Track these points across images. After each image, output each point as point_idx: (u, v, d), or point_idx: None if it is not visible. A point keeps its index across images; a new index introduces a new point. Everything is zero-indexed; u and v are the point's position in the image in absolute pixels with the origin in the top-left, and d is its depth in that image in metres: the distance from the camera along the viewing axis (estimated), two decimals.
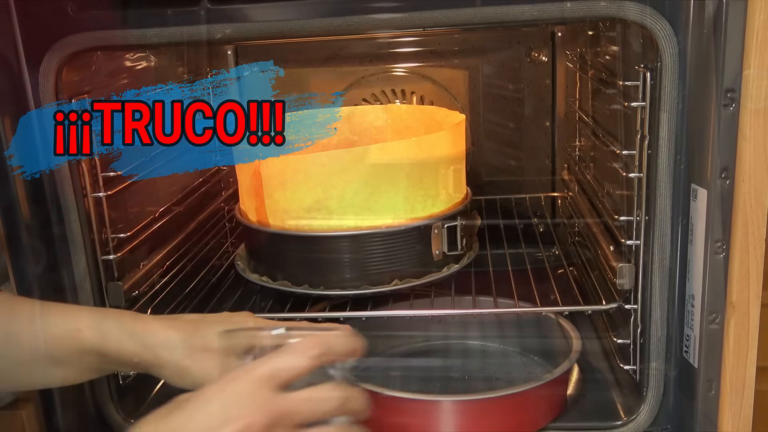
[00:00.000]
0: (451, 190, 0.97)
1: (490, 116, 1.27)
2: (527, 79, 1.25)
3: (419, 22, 0.72)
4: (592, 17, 0.70)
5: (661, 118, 0.71)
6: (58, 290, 0.81)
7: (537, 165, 1.30)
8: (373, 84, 1.27)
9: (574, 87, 1.24)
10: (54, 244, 0.79)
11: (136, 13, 0.74)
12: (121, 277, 0.87)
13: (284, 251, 0.94)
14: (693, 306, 0.74)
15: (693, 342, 0.74)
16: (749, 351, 0.72)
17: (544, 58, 1.24)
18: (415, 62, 1.26)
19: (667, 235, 0.75)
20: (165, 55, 1.09)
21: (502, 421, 0.79)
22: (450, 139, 0.95)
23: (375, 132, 1.16)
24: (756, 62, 0.65)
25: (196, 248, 1.12)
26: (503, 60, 1.25)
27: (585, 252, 1.13)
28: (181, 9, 0.73)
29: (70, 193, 0.79)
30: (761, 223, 0.69)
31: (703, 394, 0.74)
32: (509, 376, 0.93)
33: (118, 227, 0.89)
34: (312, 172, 0.89)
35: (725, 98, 0.66)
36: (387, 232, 0.91)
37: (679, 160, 0.73)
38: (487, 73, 1.25)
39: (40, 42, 0.74)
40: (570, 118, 1.25)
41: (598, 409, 0.84)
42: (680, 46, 0.69)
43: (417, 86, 1.26)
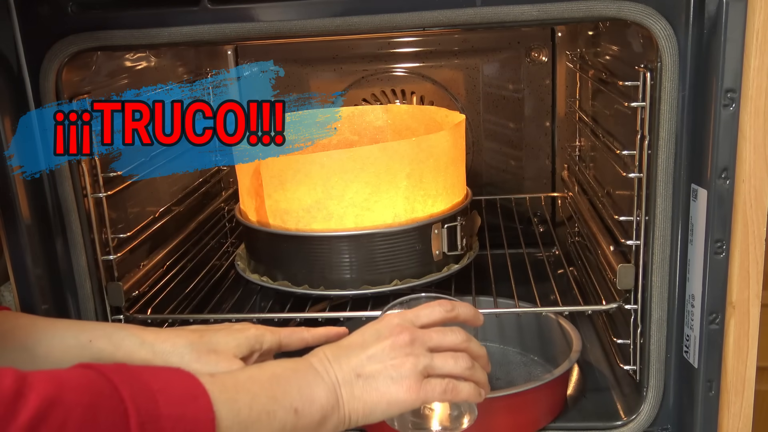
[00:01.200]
0: (451, 190, 0.97)
1: (490, 116, 1.27)
2: (527, 79, 1.25)
3: (419, 22, 0.72)
4: (592, 17, 0.70)
5: (661, 119, 0.71)
6: (57, 290, 0.81)
7: (537, 165, 1.30)
8: (373, 84, 1.27)
9: (574, 87, 1.24)
10: (54, 244, 0.80)
11: (136, 13, 0.74)
12: (121, 277, 0.87)
13: (284, 251, 0.94)
14: (693, 306, 0.74)
15: (693, 342, 0.74)
16: (749, 351, 0.73)
17: (544, 58, 1.24)
18: (415, 62, 1.26)
19: (667, 235, 0.75)
20: (165, 55, 1.09)
21: (502, 421, 0.79)
22: (450, 139, 0.95)
23: (375, 132, 1.16)
24: (756, 62, 0.65)
25: (196, 248, 1.12)
26: (503, 60, 1.25)
27: (585, 252, 1.13)
28: (181, 9, 0.73)
29: (70, 193, 0.79)
30: (761, 223, 0.69)
31: (703, 394, 0.74)
32: (509, 376, 0.93)
33: (118, 227, 0.89)
34: (312, 172, 0.89)
35: (725, 98, 0.66)
36: (387, 232, 0.91)
37: (679, 160, 0.73)
38: (487, 73, 1.25)
39: (40, 42, 0.74)
40: (570, 118, 1.25)
41: (598, 409, 0.84)
42: (680, 46, 0.69)
43: (417, 86, 1.26)
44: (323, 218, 0.90)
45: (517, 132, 1.28)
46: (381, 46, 1.25)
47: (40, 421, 0.38)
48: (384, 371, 0.58)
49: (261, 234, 0.96)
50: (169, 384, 0.47)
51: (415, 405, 0.59)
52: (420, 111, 1.14)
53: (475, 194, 1.06)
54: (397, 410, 0.58)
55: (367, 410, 0.57)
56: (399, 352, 0.59)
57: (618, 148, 0.87)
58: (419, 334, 0.60)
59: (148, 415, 0.44)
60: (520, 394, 0.78)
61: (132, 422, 0.43)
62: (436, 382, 0.59)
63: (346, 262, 0.92)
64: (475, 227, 1.07)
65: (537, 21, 0.71)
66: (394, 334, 0.60)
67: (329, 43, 1.25)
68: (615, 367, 0.92)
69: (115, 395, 0.43)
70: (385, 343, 0.59)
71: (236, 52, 1.27)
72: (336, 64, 1.27)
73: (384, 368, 0.58)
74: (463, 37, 1.24)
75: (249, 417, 0.51)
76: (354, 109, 1.16)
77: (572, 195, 1.22)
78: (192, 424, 0.46)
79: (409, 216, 0.92)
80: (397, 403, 0.58)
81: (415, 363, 0.58)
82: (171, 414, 0.45)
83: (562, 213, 1.30)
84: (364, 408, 0.57)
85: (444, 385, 0.59)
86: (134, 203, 0.95)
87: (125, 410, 0.43)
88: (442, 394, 0.59)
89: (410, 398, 0.58)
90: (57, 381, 0.41)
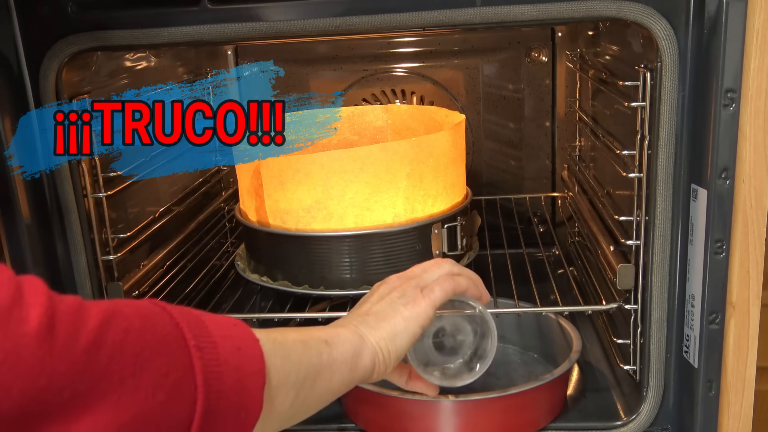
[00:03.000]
0: (451, 190, 0.97)
1: (490, 116, 1.27)
2: (527, 79, 1.25)
3: (419, 22, 0.72)
4: (592, 17, 0.70)
5: (661, 119, 0.71)
6: (58, 290, 0.80)
7: (537, 165, 1.30)
8: (373, 84, 1.27)
9: (574, 87, 1.24)
10: (54, 244, 0.80)
11: (136, 13, 0.74)
12: (121, 277, 0.88)
13: (284, 251, 0.94)
14: (693, 306, 0.74)
15: (693, 342, 0.74)
16: (749, 351, 0.73)
17: (544, 58, 1.24)
18: (415, 62, 1.26)
19: (667, 235, 0.75)
20: (165, 55, 1.09)
21: (502, 421, 0.79)
22: (450, 139, 0.95)
23: (375, 132, 1.16)
24: (756, 62, 0.65)
25: (196, 248, 1.12)
26: (503, 60, 1.25)
27: (585, 252, 1.13)
28: (181, 9, 0.73)
29: (70, 193, 0.79)
30: (761, 223, 0.69)
31: (703, 394, 0.74)
32: (509, 376, 0.93)
33: (118, 227, 0.89)
34: (312, 172, 0.89)
35: (725, 98, 0.66)
36: (387, 232, 0.91)
37: (679, 160, 0.73)
38: (487, 73, 1.25)
39: (40, 42, 0.74)
40: (570, 118, 1.25)
41: (598, 409, 0.84)
42: (680, 46, 0.69)
43: (417, 86, 1.27)
44: (323, 218, 0.91)
45: (517, 132, 1.28)
46: (381, 46, 1.25)
47: (106, 326, 0.40)
48: (390, 302, 0.64)
49: (261, 234, 0.96)
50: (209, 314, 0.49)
51: (428, 312, 0.64)
52: (420, 111, 1.14)
53: (475, 194, 1.06)
54: (415, 324, 0.63)
55: (390, 336, 0.61)
56: (397, 285, 0.66)
57: (618, 148, 0.87)
58: (410, 276, 0.67)
59: (197, 329, 0.46)
60: (520, 394, 0.78)
61: (185, 332, 0.45)
62: (434, 284, 0.66)
63: (346, 262, 0.92)
64: (475, 227, 1.07)
65: (537, 21, 0.71)
66: (397, 286, 0.66)
67: (329, 43, 1.25)
68: (615, 367, 0.92)
69: (165, 312, 0.45)
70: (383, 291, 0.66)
71: (236, 52, 1.27)
72: (336, 64, 1.27)
73: (390, 299, 0.64)
74: (463, 37, 1.24)
75: (286, 346, 0.53)
76: (354, 109, 1.16)
77: (572, 195, 1.22)
78: (240, 342, 0.48)
79: (409, 216, 0.92)
80: (414, 318, 0.63)
81: (414, 285, 0.65)
82: (220, 333, 0.47)
83: (562, 213, 1.30)
84: (388, 334, 0.61)
85: (443, 284, 0.65)
86: (134, 203, 0.95)
87: (177, 323, 0.45)
88: (445, 292, 0.65)
89: (420, 307, 0.63)
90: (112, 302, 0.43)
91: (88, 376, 0.38)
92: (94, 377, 0.39)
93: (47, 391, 0.37)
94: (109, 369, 0.39)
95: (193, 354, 0.44)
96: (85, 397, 0.38)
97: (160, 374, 0.42)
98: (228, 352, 0.46)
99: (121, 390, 0.40)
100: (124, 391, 0.40)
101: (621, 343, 0.87)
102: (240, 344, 0.48)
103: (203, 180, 1.20)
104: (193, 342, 0.45)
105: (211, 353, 0.45)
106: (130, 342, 0.41)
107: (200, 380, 0.44)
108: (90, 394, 0.38)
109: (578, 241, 1.19)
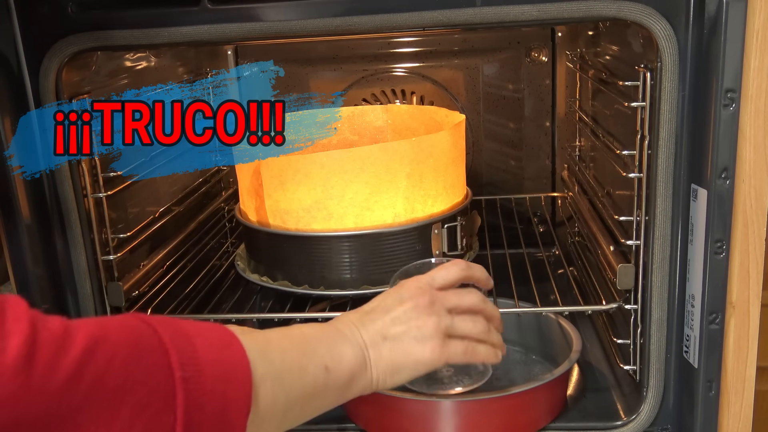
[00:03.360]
0: (451, 190, 0.97)
1: (490, 116, 1.27)
2: (527, 79, 1.25)
3: (419, 22, 0.72)
4: (592, 17, 0.70)
5: (661, 119, 0.71)
6: (58, 290, 0.81)
7: (537, 165, 1.30)
8: (373, 84, 1.27)
9: (574, 87, 1.24)
10: (54, 244, 0.80)
11: (135, 13, 0.74)
12: (121, 277, 0.87)
13: (284, 251, 0.94)
14: (693, 306, 0.74)
15: (693, 342, 0.74)
16: (749, 351, 0.73)
17: (544, 58, 1.24)
18: (415, 62, 1.26)
19: (667, 235, 0.75)
20: (165, 55, 1.09)
21: (502, 421, 0.79)
22: (450, 139, 0.95)
23: (375, 132, 1.16)
24: (756, 62, 0.65)
25: (196, 248, 1.12)
26: (503, 60, 1.25)
27: (585, 252, 1.13)
28: (181, 9, 0.73)
29: (70, 193, 0.79)
30: (761, 223, 0.69)
31: (703, 394, 0.74)
32: (509, 376, 0.93)
33: (118, 227, 0.89)
34: (312, 172, 0.89)
35: (725, 98, 0.66)
36: (387, 232, 0.91)
37: (679, 160, 0.73)
38: (487, 73, 1.25)
39: (40, 42, 0.74)
40: (570, 118, 1.25)
41: (598, 409, 0.84)
42: (680, 46, 0.69)
43: (417, 86, 1.26)
44: (323, 218, 0.90)
45: (517, 132, 1.28)
46: (381, 46, 1.25)
47: (89, 355, 0.40)
48: (408, 332, 0.60)
49: (261, 234, 0.96)
50: (203, 331, 0.49)
51: (438, 365, 0.61)
52: (420, 111, 1.14)
53: (475, 194, 1.06)
54: (423, 370, 0.61)
55: (394, 370, 0.59)
56: (421, 312, 0.61)
57: (618, 148, 0.87)
58: (439, 296, 0.63)
59: (186, 356, 0.45)
60: (521, 394, 0.78)
61: (173, 360, 0.44)
62: (457, 343, 0.62)
63: (346, 262, 0.92)
64: (475, 227, 1.07)
65: (537, 21, 0.71)
66: (415, 296, 0.62)
67: (329, 43, 1.25)
68: (615, 367, 0.92)
69: (155, 336, 0.45)
70: (407, 305, 0.61)
71: (236, 52, 1.27)
72: (336, 64, 1.27)
73: (408, 329, 0.60)
74: (463, 37, 1.24)
75: (281, 368, 0.52)
76: (354, 109, 1.16)
77: (572, 195, 1.22)
78: (229, 366, 0.47)
79: (409, 216, 0.92)
80: (423, 364, 0.60)
81: (437, 323, 0.61)
82: (209, 358, 0.46)
83: (562, 213, 1.30)
84: (392, 368, 0.59)
85: (464, 347, 0.62)
86: (134, 203, 0.95)
87: (166, 350, 0.44)
88: (463, 354, 0.62)
89: (434, 358, 0.60)
90: (101, 323, 0.43)
91: (63, 410, 0.38)
92: (70, 411, 0.38)
93: (21, 423, 0.36)
94: (86, 401, 0.39)
95: (178, 386, 0.44)
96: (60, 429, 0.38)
97: (140, 406, 0.41)
98: (214, 380, 0.46)
99: (97, 423, 0.39)
100: (100, 424, 0.39)
101: (621, 343, 0.87)
102: (229, 369, 0.47)
103: (203, 180, 1.20)
104: (179, 373, 0.44)
105: (196, 383, 0.45)
106: (112, 373, 0.41)
107: (180, 412, 0.43)
108: (64, 427, 0.38)
109: (578, 241, 1.19)
